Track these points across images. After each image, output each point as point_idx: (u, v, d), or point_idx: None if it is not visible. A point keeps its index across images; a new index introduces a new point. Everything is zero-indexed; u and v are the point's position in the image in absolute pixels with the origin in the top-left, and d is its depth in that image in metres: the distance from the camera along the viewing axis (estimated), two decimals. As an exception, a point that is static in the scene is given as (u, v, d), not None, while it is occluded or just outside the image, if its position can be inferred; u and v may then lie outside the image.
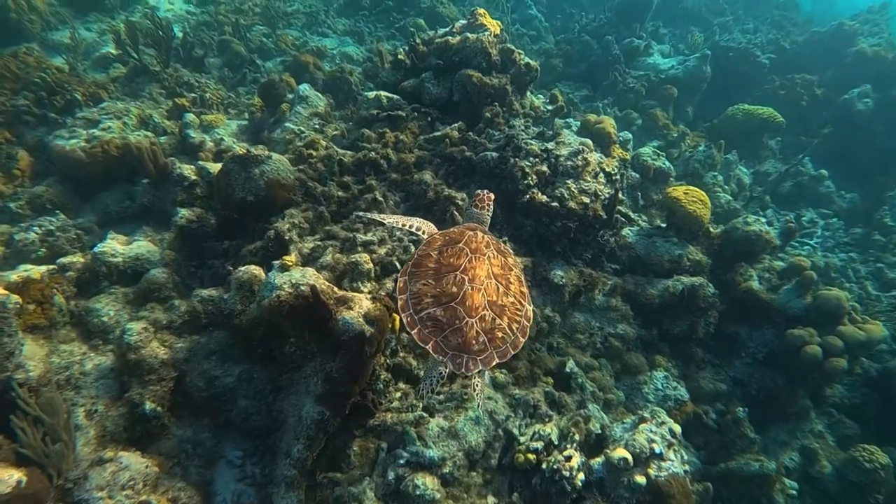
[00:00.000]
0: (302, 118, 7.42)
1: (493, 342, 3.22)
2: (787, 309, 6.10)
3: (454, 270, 3.30)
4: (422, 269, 3.41)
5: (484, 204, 4.16)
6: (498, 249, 3.57)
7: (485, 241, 3.52)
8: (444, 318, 3.19)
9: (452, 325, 3.17)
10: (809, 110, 11.76)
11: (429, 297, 3.26)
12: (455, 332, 3.16)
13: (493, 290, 3.29)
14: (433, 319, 3.20)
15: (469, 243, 3.46)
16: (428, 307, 3.24)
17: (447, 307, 3.20)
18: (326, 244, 5.36)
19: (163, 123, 7.51)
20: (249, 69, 10.19)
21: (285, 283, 4.15)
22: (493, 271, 3.37)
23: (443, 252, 3.43)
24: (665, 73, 11.68)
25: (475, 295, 3.21)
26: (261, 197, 5.42)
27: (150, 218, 6.49)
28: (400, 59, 7.25)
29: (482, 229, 3.83)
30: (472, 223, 4.01)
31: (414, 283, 3.35)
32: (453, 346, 3.15)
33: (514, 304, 3.39)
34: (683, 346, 6.29)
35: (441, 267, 3.35)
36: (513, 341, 3.32)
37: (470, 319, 3.16)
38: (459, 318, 3.16)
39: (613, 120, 6.77)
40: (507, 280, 3.44)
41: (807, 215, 9.59)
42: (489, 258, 3.41)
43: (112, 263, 5.45)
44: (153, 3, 12.25)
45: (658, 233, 6.38)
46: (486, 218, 4.17)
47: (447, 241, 3.54)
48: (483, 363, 3.17)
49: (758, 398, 6.10)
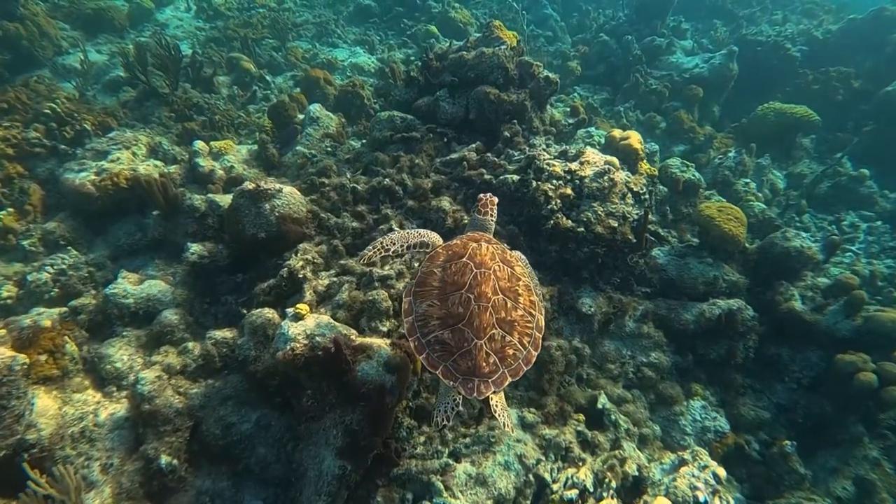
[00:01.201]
0: (313, 140, 7.29)
1: (505, 361, 3.15)
2: (835, 331, 5.76)
3: (459, 289, 3.20)
4: (426, 287, 3.31)
5: (487, 209, 4.04)
6: (504, 260, 3.46)
7: (489, 253, 3.41)
8: (453, 342, 3.11)
9: (461, 347, 3.09)
10: (846, 105, 11.26)
11: (435, 319, 3.18)
12: (464, 356, 3.08)
13: (501, 306, 3.20)
14: (441, 343, 3.13)
15: (473, 257, 3.35)
16: (435, 330, 3.16)
17: (454, 329, 3.12)
18: (342, 280, 5.20)
19: (172, 150, 7.46)
20: (259, 86, 10.12)
21: (299, 334, 4.00)
22: (500, 285, 3.27)
23: (447, 269, 3.33)
24: (689, 72, 11.30)
25: (482, 314, 3.12)
26: (272, 233, 5.30)
27: (162, 250, 6.44)
28: (413, 76, 7.06)
29: (486, 238, 3.69)
30: (475, 232, 3.87)
31: (419, 304, 3.27)
32: (463, 371, 3.07)
33: (523, 317, 3.29)
34: (721, 372, 6.00)
35: (446, 286, 3.26)
36: (525, 356, 3.24)
37: (479, 341, 3.08)
38: (468, 341, 3.08)
39: (639, 134, 6.48)
40: (516, 292, 3.33)
41: (847, 219, 9.14)
42: (495, 272, 3.30)
43: (124, 305, 5.39)
44: (163, 21, 12.31)
45: (691, 252, 6.09)
46: (491, 224, 4.05)
47: (450, 255, 3.43)
48: (495, 384, 3.09)
49: (804, 426, 5.79)
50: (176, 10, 12.74)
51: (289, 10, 13.57)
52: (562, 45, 14.64)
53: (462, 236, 3.78)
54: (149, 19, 12.08)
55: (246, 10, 13.21)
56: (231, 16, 12.77)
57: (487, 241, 3.58)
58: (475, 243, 3.49)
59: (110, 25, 10.97)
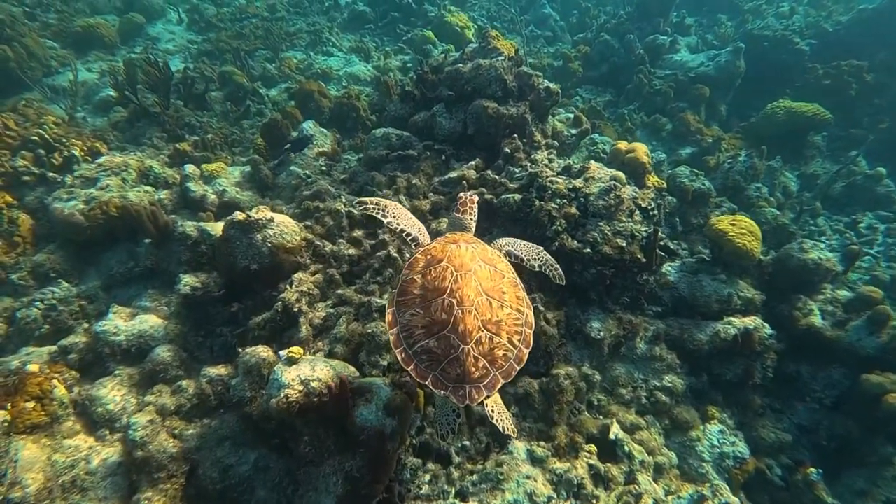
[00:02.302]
0: (308, 159, 7.13)
1: (495, 363, 3.08)
2: (858, 349, 5.55)
3: (441, 294, 3.13)
4: (408, 296, 3.24)
5: (466, 208, 3.98)
6: (484, 258, 3.37)
7: (469, 254, 3.32)
8: (439, 349, 3.04)
9: (448, 355, 3.01)
10: (859, 99, 10.98)
11: (420, 329, 3.11)
12: (452, 363, 3.01)
13: (485, 308, 3.12)
14: (428, 352, 3.06)
15: (452, 260, 3.27)
16: (420, 339, 3.09)
17: (440, 337, 3.05)
18: (339, 311, 5.05)
19: (164, 174, 7.31)
20: (253, 100, 9.96)
21: (293, 380, 3.84)
22: (483, 286, 3.19)
23: (426, 275, 3.26)
24: (694, 71, 11.04)
25: (467, 318, 3.04)
26: (265, 264, 5.14)
27: (156, 279, 6.31)
28: (408, 91, 6.88)
29: (465, 238, 3.59)
30: (454, 233, 3.79)
31: (403, 314, 3.20)
32: (453, 378, 3.01)
33: (511, 314, 3.21)
34: (738, 393, 5.80)
35: (427, 292, 3.19)
36: (517, 356, 3.17)
37: (465, 346, 3.00)
38: (454, 347, 3.01)
39: (645, 146, 6.27)
40: (500, 290, 3.25)
41: (864, 221, 8.90)
42: (475, 272, 3.22)
43: (115, 342, 5.25)
44: (154, 35, 12.19)
45: (703, 268, 5.88)
46: (470, 223, 3.97)
47: (429, 260, 3.34)
48: (487, 389, 3.02)
49: (828, 448, 5.58)
50: (167, 24, 12.62)
51: (282, 18, 13.42)
52: (562, 45, 14.44)
53: (440, 238, 3.70)
54: (140, 34, 11.97)
55: (238, 20, 13.08)
56: (223, 27, 12.63)
57: (466, 241, 3.49)
58: (453, 245, 3.40)
59: (101, 42, 10.86)
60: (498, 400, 3.34)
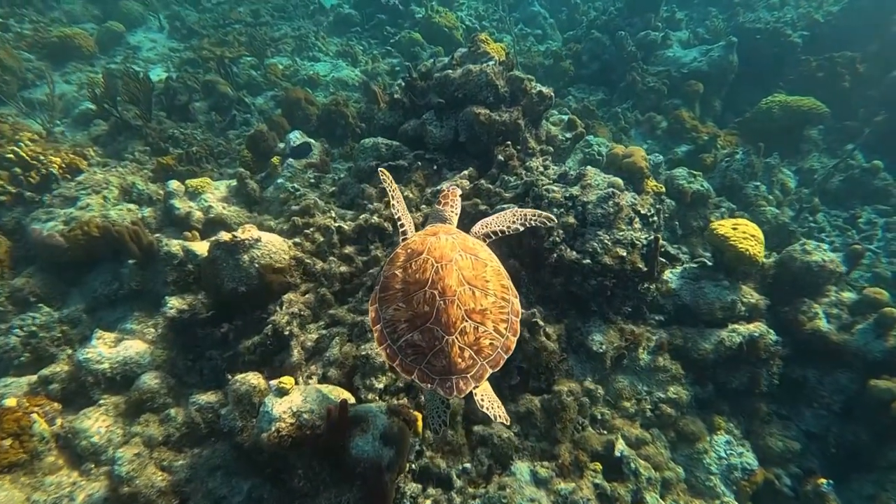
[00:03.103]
0: (295, 171, 6.95)
1: (482, 353, 3.02)
2: (866, 353, 5.44)
3: (422, 287, 3.09)
4: (390, 292, 3.22)
5: (447, 201, 4.00)
6: (465, 248, 3.32)
7: (449, 244, 3.28)
8: (424, 342, 3.00)
9: (433, 347, 2.97)
10: (852, 91, 10.91)
11: (403, 323, 3.08)
12: (437, 355, 2.96)
13: (468, 297, 3.08)
14: (412, 346, 3.03)
15: (432, 251, 3.23)
16: (404, 333, 3.06)
17: (423, 329, 3.01)
18: (332, 332, 4.89)
19: (147, 190, 7.12)
20: (238, 109, 9.76)
21: (285, 412, 3.68)
22: (465, 275, 3.15)
23: (407, 268, 3.23)
24: (687, 66, 10.95)
25: (450, 309, 3.00)
26: (254, 286, 4.96)
27: (142, 299, 6.11)
28: (397, 98, 6.71)
29: (445, 229, 3.57)
30: (434, 225, 3.78)
31: (385, 310, 3.18)
32: (439, 371, 2.96)
33: (495, 303, 3.16)
34: (744, 401, 5.69)
35: (408, 286, 3.15)
36: (504, 344, 3.12)
37: (449, 337, 2.96)
38: (438, 339, 2.97)
39: (643, 150, 6.14)
40: (483, 279, 3.20)
41: (864, 215, 8.81)
42: (457, 262, 3.18)
43: (99, 371, 5.06)
44: (135, 44, 11.95)
45: (705, 274, 5.75)
46: (451, 215, 3.97)
47: (409, 254, 3.32)
48: (475, 379, 2.97)
49: (837, 456, 5.48)
50: (148, 31, 12.38)
51: (266, 24, 13.21)
52: (552, 42, 14.31)
53: (420, 231, 3.69)
54: (120, 43, 11.72)
55: (221, 26, 12.84)
56: (206, 34, 12.39)
57: (446, 233, 3.46)
58: (433, 237, 3.37)
59: (78, 53, 10.61)
60: (488, 389, 3.29)
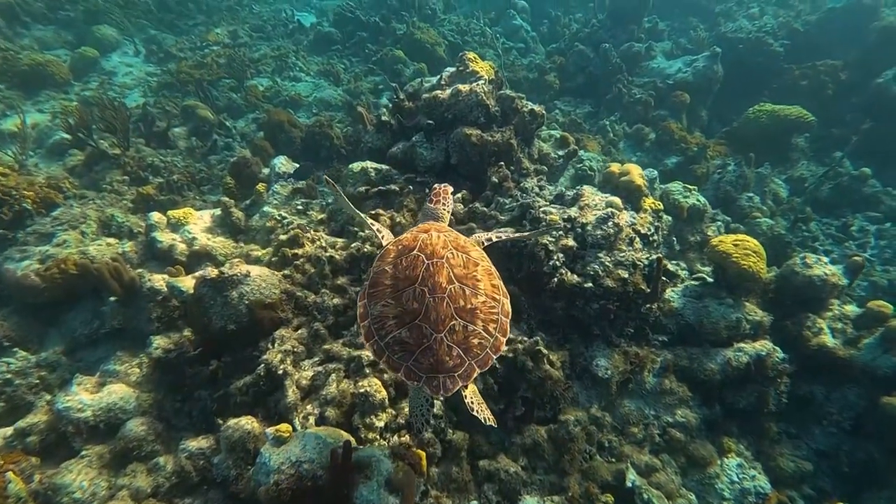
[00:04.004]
0: (281, 199, 6.78)
1: (470, 352, 3.02)
2: (874, 368, 5.39)
3: (412, 284, 3.08)
4: (379, 288, 3.20)
5: (439, 198, 4.03)
6: (457, 246, 3.31)
7: (441, 242, 3.27)
8: (412, 339, 2.99)
9: (421, 344, 2.97)
10: (836, 99, 11.06)
11: (392, 319, 3.07)
12: (425, 353, 2.95)
13: (458, 295, 3.07)
14: (400, 343, 3.01)
15: (424, 248, 3.23)
16: (392, 330, 3.05)
17: (412, 326, 3.00)
18: (328, 369, 4.70)
19: (127, 222, 6.88)
20: (220, 133, 9.57)
21: (283, 462, 3.49)
22: (455, 273, 3.14)
23: (397, 265, 3.22)
24: (673, 77, 11.02)
25: (439, 306, 3.00)
26: (244, 323, 4.77)
27: (125, 338, 5.87)
28: (385, 121, 6.59)
29: (437, 227, 3.55)
30: (426, 223, 3.78)
31: (374, 306, 3.16)
32: (426, 368, 2.95)
33: (485, 302, 3.15)
34: (753, 421, 5.60)
35: (398, 282, 3.14)
36: (493, 344, 3.10)
37: (438, 335, 2.96)
38: (427, 336, 2.96)
39: (639, 167, 6.09)
40: (474, 278, 3.19)
41: (856, 223, 8.86)
42: (448, 260, 3.17)
43: (80, 419, 4.81)
44: (110, 69, 11.72)
45: (708, 292, 5.68)
46: (443, 213, 4.01)
47: (401, 250, 3.31)
48: (462, 378, 2.97)
49: (850, 474, 5.40)
50: (124, 56, 12.16)
51: (244, 44, 13.07)
52: (535, 56, 14.36)
53: (412, 228, 3.69)
54: (94, 68, 11.48)
55: (199, 48, 12.68)
56: (183, 56, 12.21)
57: (438, 230, 3.44)
58: (425, 234, 3.36)
59: (51, 80, 10.35)
60: (474, 389, 3.27)
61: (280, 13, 15.70)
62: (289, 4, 17.00)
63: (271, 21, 14.79)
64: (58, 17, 12.45)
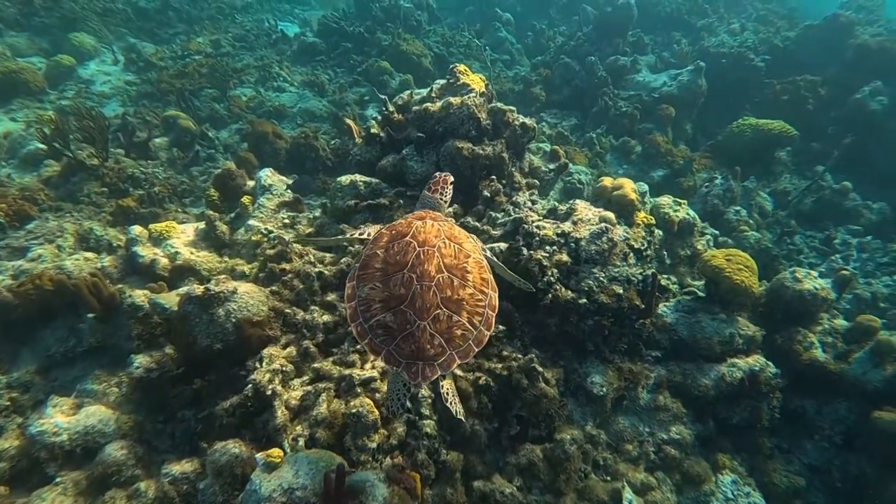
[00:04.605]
0: (267, 212, 6.65)
1: (452, 342, 3.06)
2: (865, 382, 5.43)
3: (401, 269, 3.14)
4: (369, 270, 3.26)
5: (438, 187, 4.06)
6: (450, 236, 3.37)
7: (434, 230, 3.34)
8: (395, 324, 3.04)
9: (404, 330, 3.02)
10: (816, 113, 11.30)
11: (378, 303, 3.12)
12: (407, 339, 3.00)
13: (446, 285, 3.12)
14: (384, 327, 3.06)
15: (417, 235, 3.29)
16: (377, 313, 3.10)
17: (397, 311, 3.05)
18: (318, 388, 4.58)
19: (106, 235, 6.69)
20: (202, 144, 9.41)
21: (275, 490, 3.36)
22: (445, 263, 3.19)
23: (389, 249, 3.27)
24: (658, 91, 11.16)
25: (426, 294, 3.05)
26: (230, 342, 4.63)
27: (104, 355, 5.66)
28: (374, 133, 6.53)
29: (433, 216, 3.62)
30: (422, 210, 3.85)
31: (362, 288, 3.21)
32: (407, 354, 3.00)
33: (473, 295, 3.19)
34: (746, 436, 5.61)
35: (388, 267, 3.20)
36: (476, 337, 3.14)
37: (422, 322, 3.01)
38: (410, 322, 3.01)
39: (632, 182, 6.10)
40: (464, 269, 3.23)
41: (839, 237, 9.02)
42: (439, 249, 3.24)
43: (55, 444, 4.61)
44: (87, 77, 11.48)
45: (701, 307, 5.69)
46: (441, 203, 4.07)
47: (394, 235, 3.37)
48: (442, 367, 3.01)
49: (842, 489, 5.42)
50: (102, 64, 11.93)
51: (227, 54, 12.93)
52: (521, 68, 14.46)
53: (408, 215, 3.75)
54: (71, 77, 11.23)
55: (180, 58, 12.50)
56: (164, 66, 12.02)
57: (433, 219, 3.51)
58: (419, 221, 3.42)
59: (25, 88, 10.09)
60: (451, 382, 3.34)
61: (263, 23, 15.61)
62: (271, 14, 16.91)
63: (254, 31, 14.67)
64: (32, 23, 12.19)
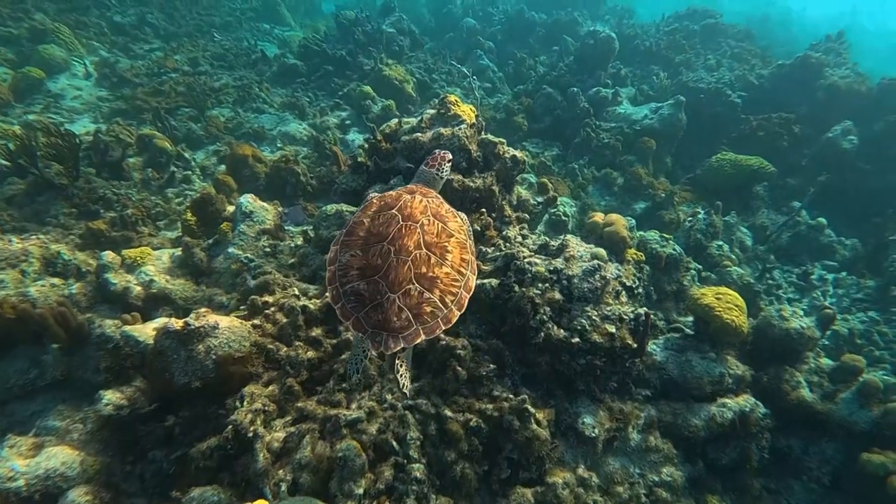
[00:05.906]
0: (248, 239, 6.48)
1: (420, 318, 3.14)
2: (852, 424, 5.49)
3: (381, 241, 3.27)
4: (353, 237, 3.38)
5: (436, 163, 4.13)
6: (436, 214, 3.48)
7: (421, 206, 3.44)
8: (367, 293, 3.15)
9: (374, 300, 3.12)
10: (791, 150, 11.67)
11: (355, 270, 3.24)
12: (376, 308, 3.11)
13: (423, 261, 3.22)
14: (356, 294, 3.17)
15: (403, 209, 3.40)
16: (353, 280, 3.21)
17: (371, 281, 3.16)
18: (302, 430, 4.39)
19: (74, 260, 6.41)
20: (178, 165, 9.19)
21: (261, 547, 3.18)
22: (425, 240, 3.30)
23: (374, 219, 3.40)
24: (639, 123, 11.39)
25: (400, 268, 3.16)
26: (210, 379, 4.43)
27: (68, 389, 5.37)
28: (361, 162, 6.45)
29: (423, 191, 3.71)
30: (415, 185, 3.96)
31: (344, 254, 3.33)
32: (373, 323, 3.09)
33: (449, 274, 3.28)
34: (734, 477, 5.60)
35: (370, 236, 3.32)
36: (445, 316, 3.21)
37: (392, 294, 3.11)
38: (381, 294, 3.12)
39: (623, 219, 6.16)
40: (444, 248, 3.34)
41: (815, 272, 9.25)
42: (423, 225, 3.35)
43: (11, 490, 4.30)
44: (57, 91, 11.16)
45: (690, 345, 5.71)
46: (437, 179, 4.13)
47: (381, 206, 3.49)
48: (406, 340, 3.08)
49: (831, 531, 5.45)
50: (73, 78, 11.62)
51: (205, 73, 12.76)
52: (502, 96, 14.61)
53: (400, 188, 3.82)
54: (39, 90, 10.91)
55: (156, 75, 12.28)
56: (139, 82, 11.78)
57: (423, 194, 3.59)
58: (409, 195, 3.52)
59: (-10, 102, 9.76)
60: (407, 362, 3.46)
61: (242, 42, 15.49)
62: (250, 34, 16.81)
63: (233, 50, 14.54)
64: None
